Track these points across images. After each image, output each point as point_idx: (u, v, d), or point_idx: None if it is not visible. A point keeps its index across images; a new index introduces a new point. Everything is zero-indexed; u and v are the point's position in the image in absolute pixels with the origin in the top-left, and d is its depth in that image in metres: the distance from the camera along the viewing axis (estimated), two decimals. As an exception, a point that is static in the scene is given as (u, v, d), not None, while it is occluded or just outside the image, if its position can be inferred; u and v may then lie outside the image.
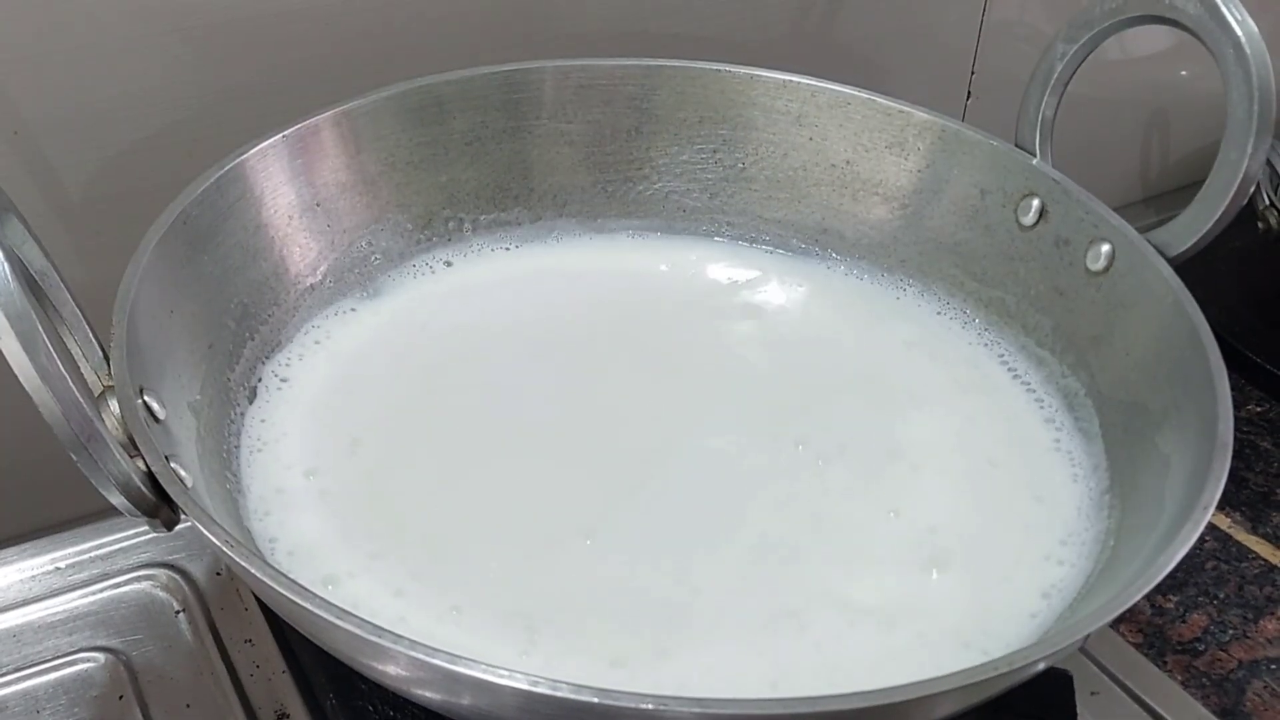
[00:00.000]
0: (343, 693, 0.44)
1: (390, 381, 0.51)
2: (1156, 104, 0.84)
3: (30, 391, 0.34)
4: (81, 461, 0.36)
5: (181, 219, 0.45)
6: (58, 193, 0.51)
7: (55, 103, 0.50)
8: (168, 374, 0.43)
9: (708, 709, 0.32)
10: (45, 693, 0.46)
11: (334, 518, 0.44)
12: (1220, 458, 0.40)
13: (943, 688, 0.33)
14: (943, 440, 0.50)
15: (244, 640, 0.49)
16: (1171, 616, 0.54)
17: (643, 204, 0.59)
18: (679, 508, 0.46)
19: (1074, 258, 0.52)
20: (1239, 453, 0.41)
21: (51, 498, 0.52)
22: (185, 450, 0.42)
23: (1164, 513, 0.41)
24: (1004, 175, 0.54)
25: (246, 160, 0.49)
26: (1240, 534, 0.59)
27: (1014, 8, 0.73)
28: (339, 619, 0.32)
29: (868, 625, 0.42)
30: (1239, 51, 0.46)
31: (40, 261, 0.41)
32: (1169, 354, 0.46)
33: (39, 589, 0.50)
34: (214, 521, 0.36)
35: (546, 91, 0.56)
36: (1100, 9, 0.51)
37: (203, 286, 0.47)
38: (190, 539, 0.52)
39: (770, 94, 0.57)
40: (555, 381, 0.51)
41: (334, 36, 0.55)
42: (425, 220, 0.56)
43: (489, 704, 0.34)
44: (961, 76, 0.74)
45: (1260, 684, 0.51)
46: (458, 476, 0.47)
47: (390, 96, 0.53)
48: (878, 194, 0.58)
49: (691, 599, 0.43)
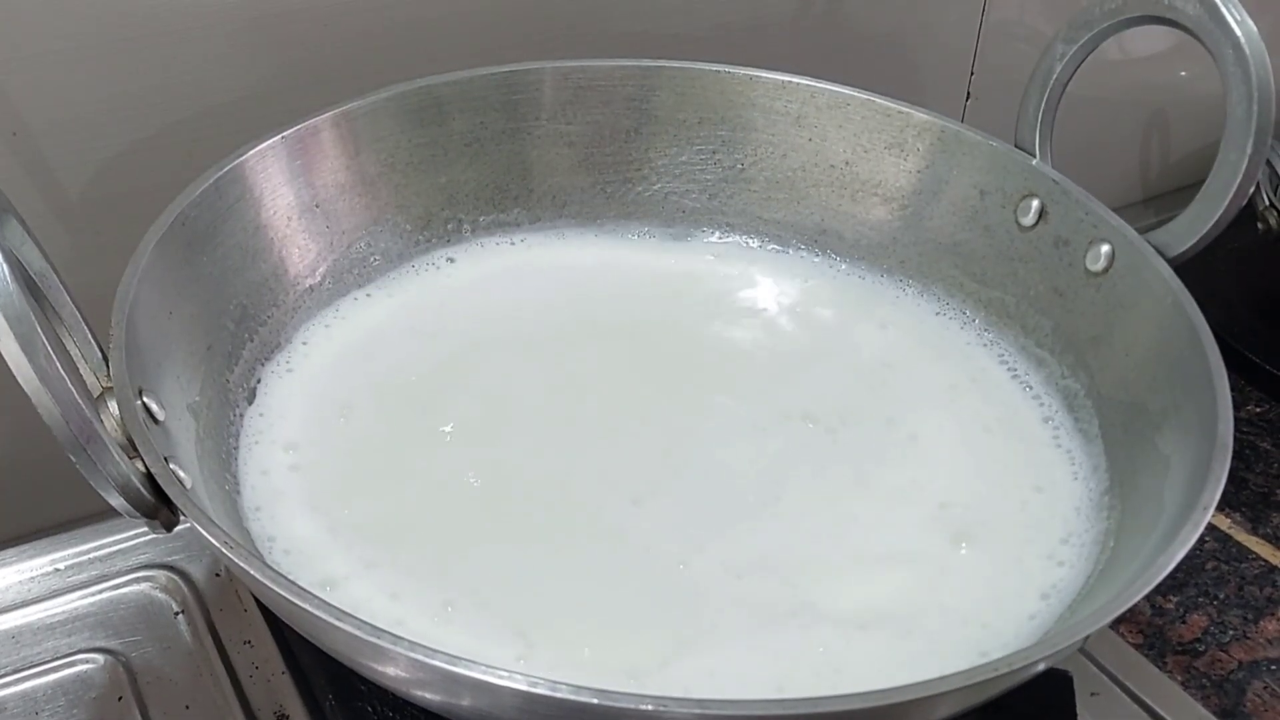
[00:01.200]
0: (342, 694, 0.44)
1: (390, 383, 0.51)
2: (1156, 104, 0.84)
3: (29, 393, 0.34)
4: (80, 463, 0.36)
5: (180, 220, 0.45)
6: (57, 194, 0.51)
7: (54, 104, 0.50)
8: (167, 375, 0.43)
9: (708, 710, 0.32)
10: (44, 694, 0.46)
11: (335, 518, 0.44)
12: (1220, 458, 0.40)
13: (943, 688, 0.33)
14: (942, 440, 0.50)
15: (243, 641, 0.48)
16: (1171, 617, 0.54)
17: (642, 205, 0.59)
18: (682, 501, 0.46)
19: (1073, 258, 0.51)
20: (1239, 453, 0.40)
21: (51, 499, 0.52)
22: (184, 451, 0.42)
23: (1164, 513, 0.41)
24: (1003, 176, 0.54)
25: (245, 161, 0.49)
26: (1240, 534, 0.59)
27: (1013, 8, 0.73)
28: (338, 620, 0.32)
29: (874, 622, 0.42)
30: (1238, 52, 0.46)
31: (39, 263, 0.41)
32: (1169, 354, 0.46)
33: (38, 590, 0.50)
34: (213, 523, 0.36)
35: (546, 92, 0.56)
36: (1100, 9, 0.51)
37: (202, 288, 0.47)
38: (189, 540, 0.52)
39: (769, 95, 0.57)
40: (556, 381, 0.51)
41: (333, 37, 0.55)
42: (424, 221, 0.56)
43: (489, 705, 0.34)
44: (961, 77, 0.74)
45: (1260, 685, 0.51)
46: (459, 476, 0.47)
47: (389, 97, 0.53)
48: (877, 195, 0.58)
49: (698, 596, 0.43)
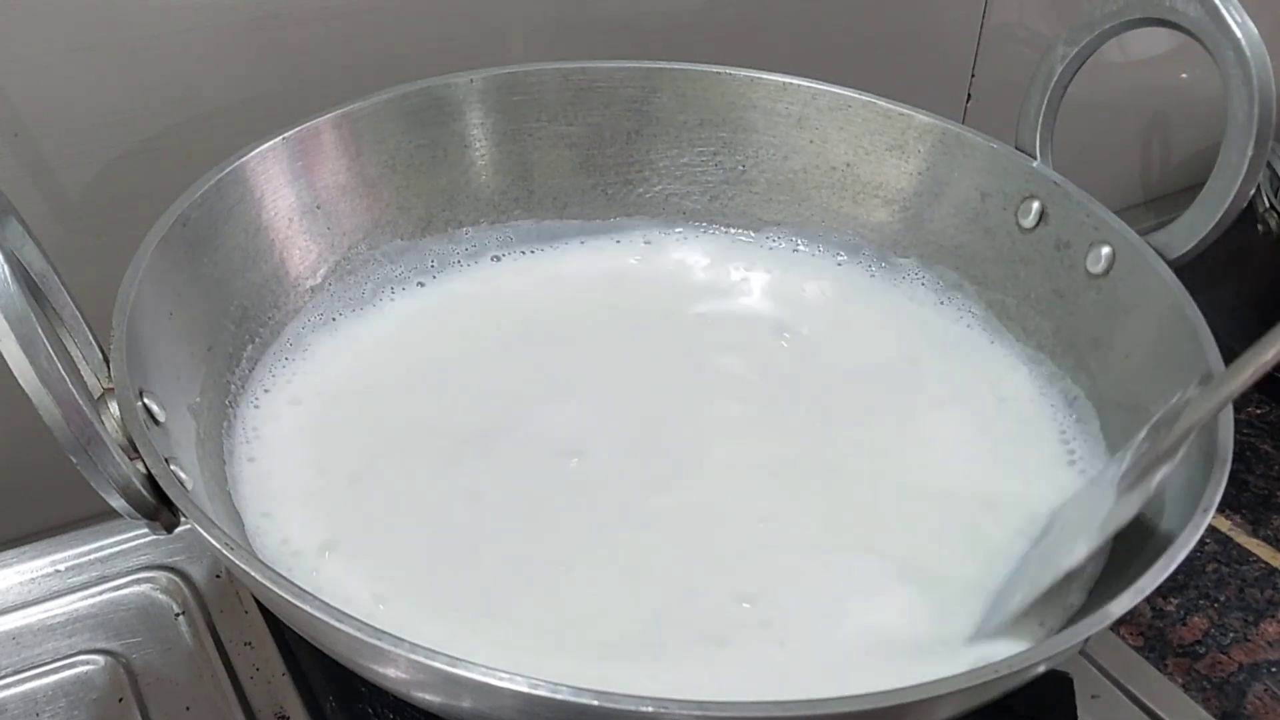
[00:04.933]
0: (342, 695, 0.44)
1: (392, 384, 0.51)
2: (1157, 107, 0.84)
3: (30, 394, 0.34)
4: (81, 464, 0.36)
5: (181, 221, 0.45)
6: (58, 195, 0.51)
7: (56, 105, 0.50)
8: (167, 376, 0.43)
9: (708, 710, 0.32)
10: (45, 695, 0.46)
11: (335, 518, 0.44)
12: (1220, 460, 0.40)
13: (943, 690, 0.33)
14: (943, 441, 0.50)
15: (244, 643, 0.48)
16: (1172, 619, 0.54)
17: (643, 206, 0.59)
18: (694, 513, 0.46)
19: (1074, 260, 0.51)
20: (1239, 455, 0.40)
21: (51, 500, 0.52)
22: (185, 452, 0.42)
23: (1164, 515, 0.41)
24: (1004, 178, 0.54)
25: (246, 163, 0.49)
26: (1241, 536, 0.59)
27: (1014, 10, 0.73)
28: (339, 622, 0.32)
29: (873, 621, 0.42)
30: (1239, 54, 0.46)
31: (40, 264, 0.41)
32: (1169, 356, 0.46)
33: (39, 591, 0.50)
34: (213, 524, 0.36)
35: (547, 94, 0.56)
36: (1100, 11, 0.51)
37: (203, 289, 0.47)
38: (190, 541, 0.52)
39: (771, 96, 0.57)
40: (557, 383, 0.51)
41: (334, 39, 0.55)
42: (425, 223, 0.56)
43: (489, 706, 0.34)
44: (962, 79, 0.74)
45: (1261, 687, 0.51)
46: (461, 479, 0.47)
47: (390, 99, 0.53)
48: (878, 196, 0.58)
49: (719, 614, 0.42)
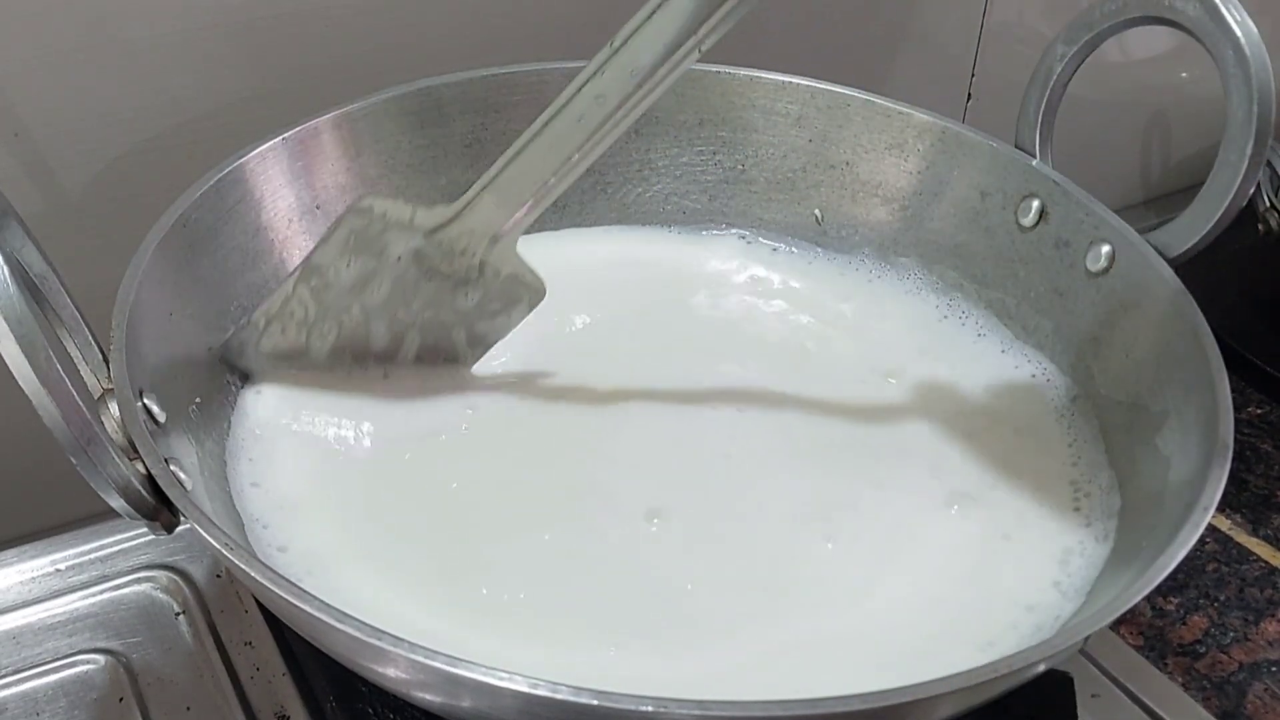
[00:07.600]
0: (343, 695, 0.44)
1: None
2: (1157, 105, 0.84)
3: (30, 395, 0.34)
4: (81, 464, 0.36)
5: (181, 222, 0.45)
6: (57, 195, 0.51)
7: (55, 106, 0.50)
8: (167, 377, 0.43)
9: (708, 710, 0.32)
10: (45, 695, 0.46)
11: (335, 519, 0.44)
12: (1220, 460, 0.40)
13: (943, 689, 0.33)
14: (943, 441, 0.50)
15: (244, 642, 0.48)
16: (1172, 618, 0.54)
17: (643, 206, 0.59)
18: (695, 514, 0.46)
19: (1074, 259, 0.51)
20: (1239, 455, 0.40)
21: (51, 500, 0.52)
22: (185, 453, 0.42)
23: (1164, 514, 0.41)
24: (1004, 177, 0.54)
25: (246, 163, 0.49)
26: (1241, 536, 0.59)
27: (1014, 9, 0.73)
28: (339, 621, 0.32)
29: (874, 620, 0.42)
30: (1239, 53, 0.46)
31: (40, 265, 0.41)
32: (1169, 355, 0.46)
33: (39, 591, 0.50)
34: (213, 524, 0.36)
35: (546, 93, 0.56)
36: (1100, 10, 0.51)
37: (202, 289, 0.47)
38: (190, 541, 0.52)
39: (770, 95, 0.57)
40: (558, 383, 0.51)
41: (333, 39, 0.55)
42: (425, 222, 0.56)
43: (489, 706, 0.34)
44: (961, 78, 0.74)
45: (1261, 686, 0.51)
46: (463, 480, 0.47)
47: (390, 99, 0.53)
48: (878, 195, 0.58)
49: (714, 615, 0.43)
